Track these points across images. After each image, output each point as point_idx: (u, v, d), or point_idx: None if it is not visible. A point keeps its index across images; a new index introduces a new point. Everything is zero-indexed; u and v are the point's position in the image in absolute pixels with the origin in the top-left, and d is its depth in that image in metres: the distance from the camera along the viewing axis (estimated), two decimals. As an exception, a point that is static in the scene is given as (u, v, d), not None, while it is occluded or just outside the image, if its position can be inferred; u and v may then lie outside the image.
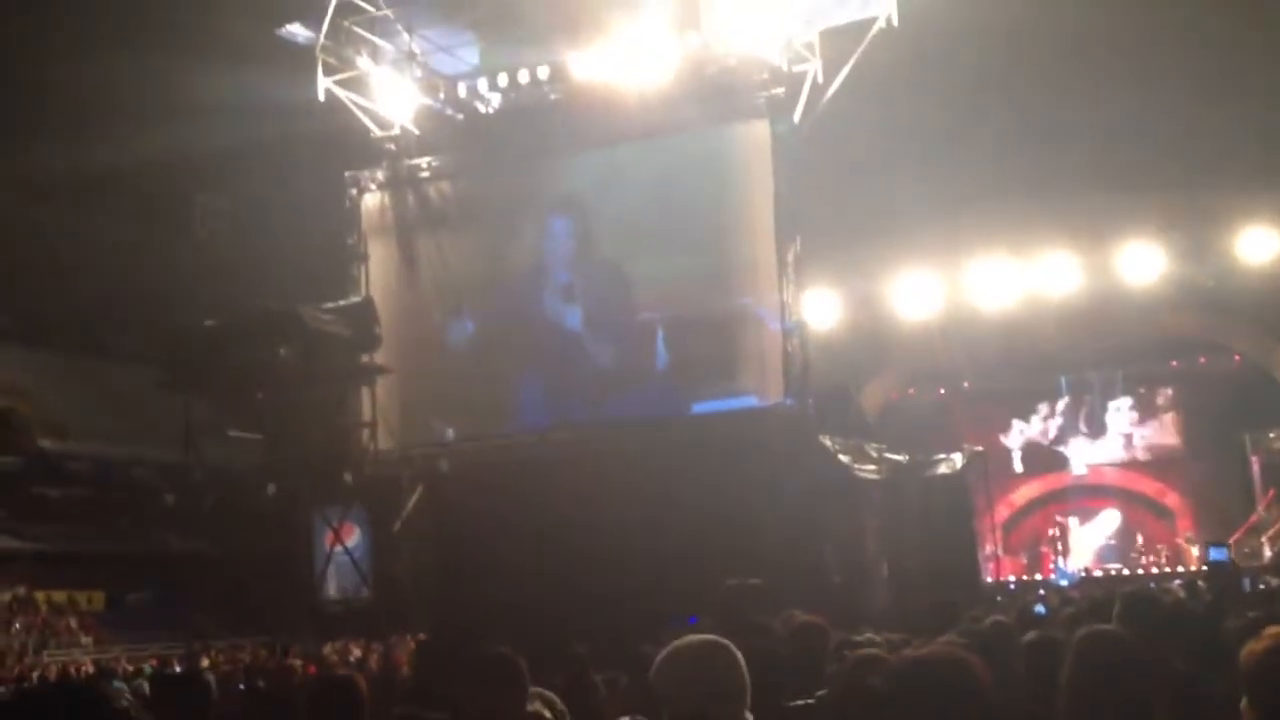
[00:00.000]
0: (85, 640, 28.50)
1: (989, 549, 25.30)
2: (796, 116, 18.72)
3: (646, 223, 19.51)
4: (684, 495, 16.83)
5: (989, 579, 23.59)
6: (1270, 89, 23.46)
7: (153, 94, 23.62)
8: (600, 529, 17.08)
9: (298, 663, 15.05)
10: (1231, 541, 26.20)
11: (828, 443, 18.67)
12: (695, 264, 19.12)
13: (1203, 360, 27.96)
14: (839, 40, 19.07)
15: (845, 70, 18.72)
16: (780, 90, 18.71)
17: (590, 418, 19.22)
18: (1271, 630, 3.17)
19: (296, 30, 20.23)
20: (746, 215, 18.87)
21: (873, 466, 19.27)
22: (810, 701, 5.08)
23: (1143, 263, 24.82)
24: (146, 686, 16.27)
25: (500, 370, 19.94)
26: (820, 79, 18.89)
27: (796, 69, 18.97)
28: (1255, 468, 27.13)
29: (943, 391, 30.08)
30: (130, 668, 20.75)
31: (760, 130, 18.81)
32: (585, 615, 14.98)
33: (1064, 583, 24.35)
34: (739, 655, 3.12)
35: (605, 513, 17.16)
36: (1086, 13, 23.69)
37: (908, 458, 20.03)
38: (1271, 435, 26.86)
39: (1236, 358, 27.19)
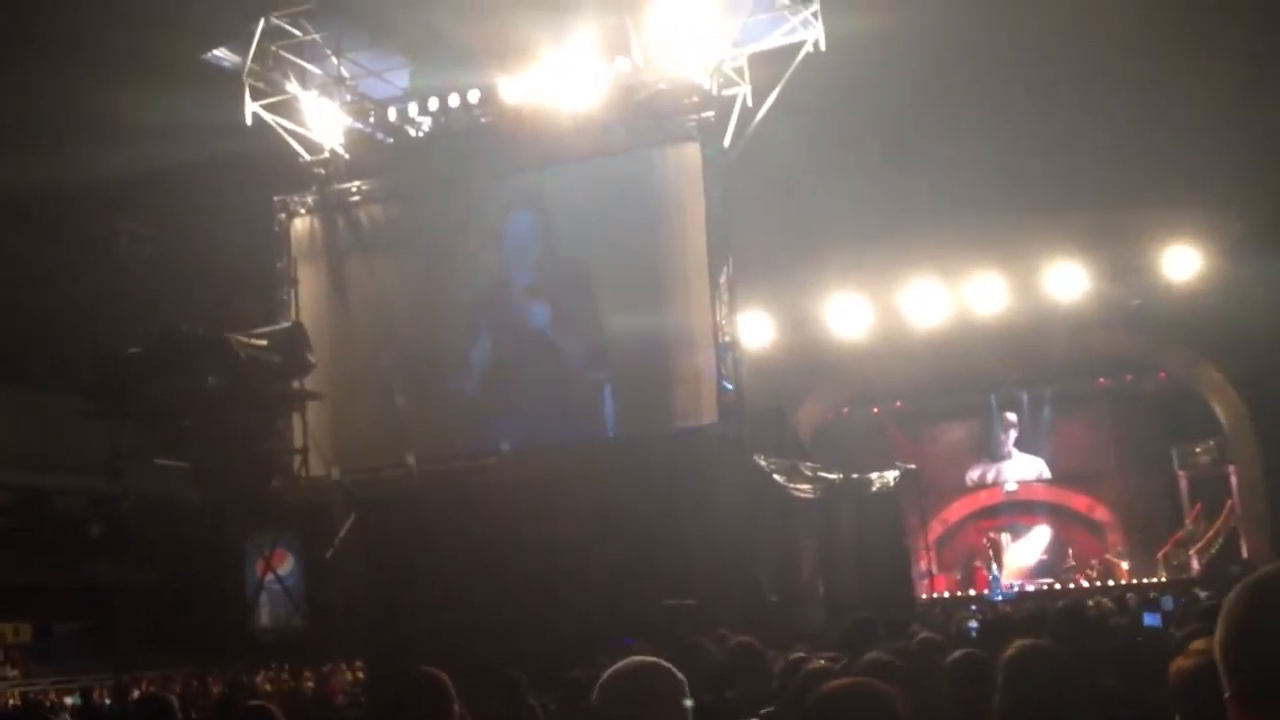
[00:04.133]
0: (12, 673, 27.87)
1: (923, 566, 25.50)
2: (727, 140, 18.84)
3: (578, 246, 19.52)
4: (619, 517, 16.80)
5: (923, 595, 23.75)
6: (1193, 109, 23.96)
7: (76, 115, 23.29)
8: (534, 552, 16.99)
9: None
10: (1160, 556, 26.66)
11: (762, 463, 18.73)
12: (627, 287, 19.14)
13: (1130, 377, 28.43)
14: (768, 64, 19.25)
15: (774, 94, 18.89)
16: (710, 114, 18.82)
17: (525, 441, 19.14)
18: (1197, 645, 3.16)
19: (224, 55, 20.05)
20: (679, 238, 18.92)
21: (807, 486, 19.36)
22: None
23: (1069, 282, 25.22)
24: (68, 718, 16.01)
25: (430, 394, 19.80)
26: (750, 103, 19.05)
27: (726, 93, 19.11)
28: (1183, 482, 27.62)
29: (876, 411, 30.33)
30: (58, 699, 20.35)
31: (691, 153, 18.89)
32: (519, 639, 14.88)
33: (999, 598, 24.59)
34: (681, 678, 3.11)
35: (540, 536, 17.08)
36: (1012, 39, 24.09)
37: (842, 476, 20.15)
38: (1198, 450, 27.35)
39: (1162, 374, 27.67)
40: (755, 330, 25.78)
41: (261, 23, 19.56)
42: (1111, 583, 25.45)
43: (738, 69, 19.26)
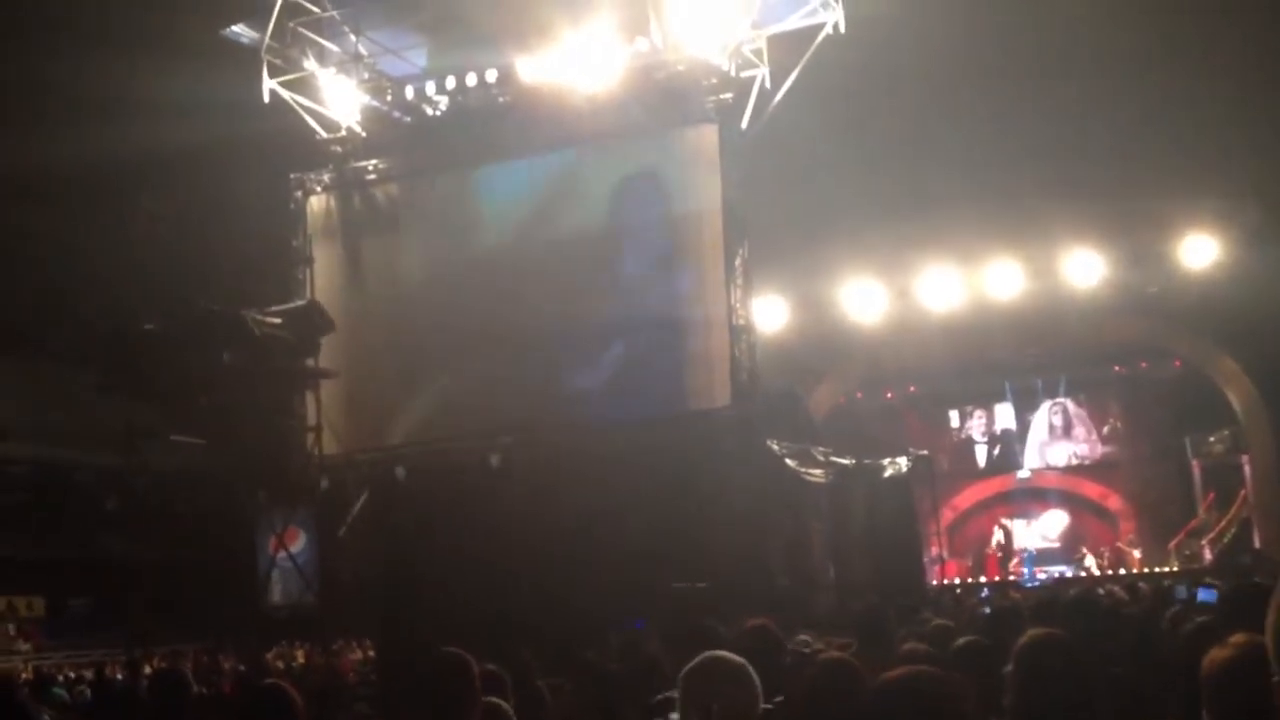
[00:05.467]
0: (24, 647, 28.02)
1: (934, 551, 25.51)
2: (744, 122, 18.79)
3: (594, 226, 19.50)
4: (631, 499, 16.81)
5: (934, 581, 23.77)
6: (1211, 98, 23.82)
7: (95, 92, 23.28)
8: (546, 533, 17.03)
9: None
10: (1172, 546, 26.63)
11: (775, 447, 18.73)
12: (642, 267, 19.13)
13: (1144, 365, 28.35)
14: (787, 46, 19.17)
15: (793, 76, 18.82)
16: (728, 95, 18.76)
17: (538, 422, 19.16)
18: (1237, 639, 3.10)
19: (241, 31, 20.04)
20: (694, 220, 18.89)
21: (819, 470, 19.36)
22: (769, 707, 5.07)
23: (1086, 269, 25.14)
24: (89, 693, 16.12)
25: (447, 373, 19.81)
26: (768, 84, 18.98)
27: (744, 74, 19.05)
28: (1196, 471, 27.55)
29: (890, 395, 30.29)
30: (72, 674, 20.47)
31: (709, 135, 18.84)
32: (530, 620, 14.93)
33: (1031, 585, 24.45)
34: (755, 675, 3.21)
35: (551, 517, 17.12)
36: (1032, 24, 23.95)
37: (854, 461, 20.16)
38: (1212, 439, 27.27)
39: (1177, 363, 27.58)
40: (770, 313, 25.76)
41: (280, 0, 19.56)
42: (1123, 571, 25.44)
43: (756, 50, 19.19)
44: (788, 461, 18.81)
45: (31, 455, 31.11)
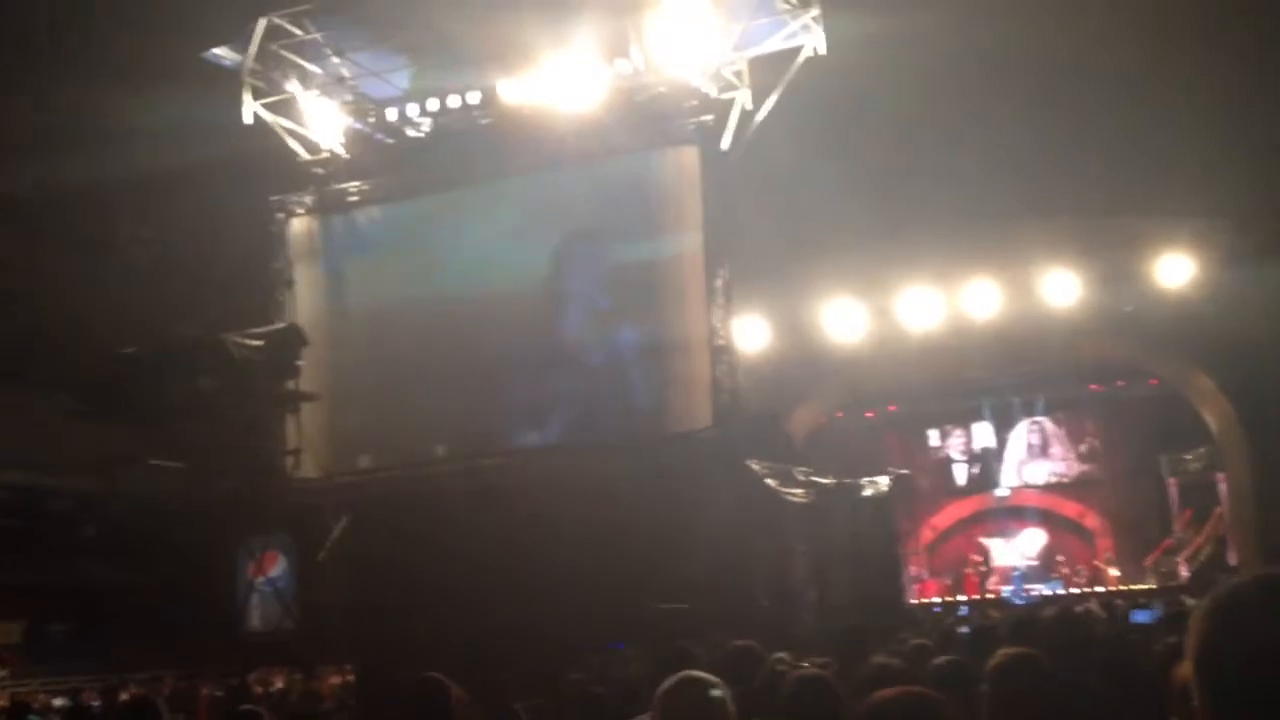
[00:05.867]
0: (1, 673, 27.80)
1: (914, 571, 25.54)
2: (726, 143, 18.89)
3: (576, 248, 19.55)
4: (612, 521, 16.82)
5: (914, 600, 23.79)
6: (1187, 119, 24.01)
7: (75, 117, 23.24)
8: (526, 555, 17.02)
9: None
10: (1148, 563, 26.76)
11: (756, 467, 18.77)
12: (624, 289, 19.18)
13: (1121, 384, 28.48)
14: (768, 68, 19.31)
15: (773, 98, 18.95)
16: (709, 117, 18.88)
17: (518, 444, 19.17)
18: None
19: (223, 54, 20.08)
20: (676, 241, 18.97)
21: (800, 490, 19.40)
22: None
23: (1063, 289, 25.27)
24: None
25: (428, 396, 19.79)
26: (749, 106, 19.10)
27: (725, 96, 19.18)
28: (1172, 489, 27.68)
29: (870, 415, 30.36)
30: (46, 701, 20.30)
31: (690, 156, 18.95)
32: (510, 643, 14.91)
33: (1023, 602, 24.41)
34: (728, 696, 3.23)
35: (532, 540, 17.10)
36: (1010, 46, 24.12)
37: (835, 481, 20.20)
38: (1188, 457, 27.41)
39: (1154, 382, 27.71)
40: (751, 334, 25.81)
41: (262, 22, 19.59)
42: (1101, 589, 25.51)
43: (737, 72, 19.33)
44: (769, 482, 18.84)
45: (9, 481, 30.92)
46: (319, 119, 20.43)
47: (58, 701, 20.11)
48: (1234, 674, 1.68)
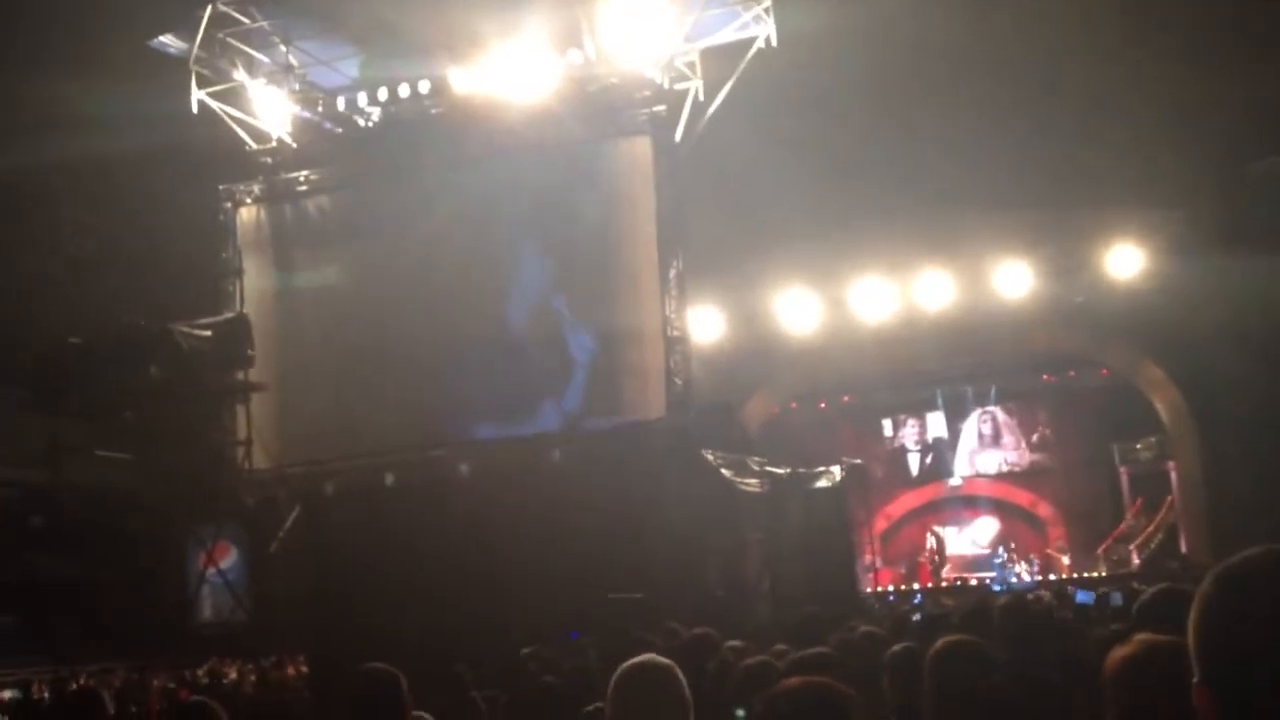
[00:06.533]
0: (-53, 668, 27.42)
1: (868, 560, 25.69)
2: (678, 134, 18.87)
3: (528, 239, 19.47)
4: (567, 511, 16.78)
5: (868, 589, 23.93)
6: (1136, 109, 24.24)
7: (18, 104, 22.90)
8: (480, 545, 16.95)
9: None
10: (1100, 551, 27.06)
11: (710, 457, 18.79)
12: (576, 280, 19.12)
13: (1072, 374, 28.78)
14: (720, 60, 19.30)
15: (726, 89, 18.95)
16: (662, 108, 18.83)
17: (471, 434, 19.07)
18: (1140, 637, 3.17)
19: (169, 41, 19.77)
20: (629, 231, 18.92)
21: (755, 480, 19.46)
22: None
23: (1014, 279, 25.49)
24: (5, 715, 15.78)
25: (379, 386, 19.65)
26: (701, 97, 19.09)
27: (678, 87, 19.15)
28: (1124, 478, 28.03)
29: (823, 405, 30.50)
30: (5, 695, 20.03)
31: (642, 147, 18.90)
32: (466, 633, 14.85)
33: (998, 588, 24.20)
34: (682, 678, 3.18)
35: (485, 529, 17.04)
36: (960, 37, 24.26)
37: (789, 471, 20.26)
38: (1139, 447, 27.76)
39: (1105, 372, 28.02)
40: (704, 325, 25.84)
41: (209, 9, 19.33)
42: (1053, 577, 25.77)
43: (689, 63, 19.31)
44: (723, 472, 18.88)
45: (-47, 472, 30.45)
46: (267, 107, 20.20)
47: (7, 694, 19.87)
48: (1241, 644, 1.70)
